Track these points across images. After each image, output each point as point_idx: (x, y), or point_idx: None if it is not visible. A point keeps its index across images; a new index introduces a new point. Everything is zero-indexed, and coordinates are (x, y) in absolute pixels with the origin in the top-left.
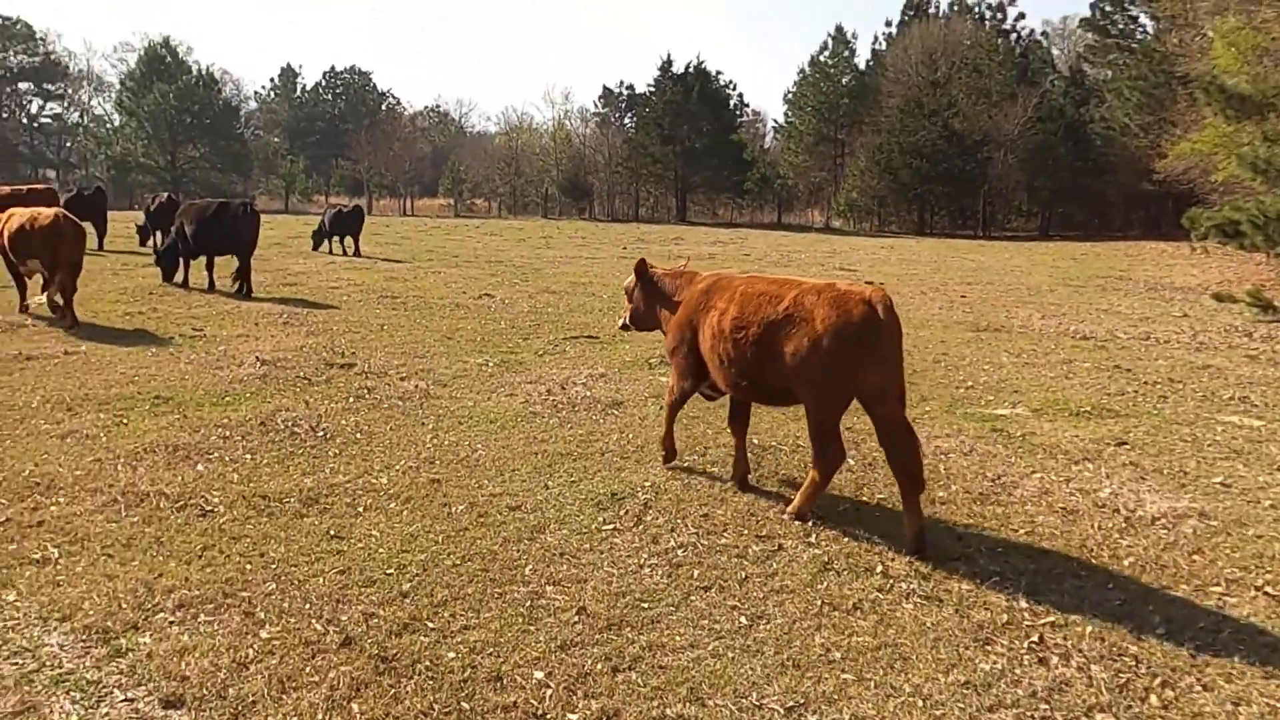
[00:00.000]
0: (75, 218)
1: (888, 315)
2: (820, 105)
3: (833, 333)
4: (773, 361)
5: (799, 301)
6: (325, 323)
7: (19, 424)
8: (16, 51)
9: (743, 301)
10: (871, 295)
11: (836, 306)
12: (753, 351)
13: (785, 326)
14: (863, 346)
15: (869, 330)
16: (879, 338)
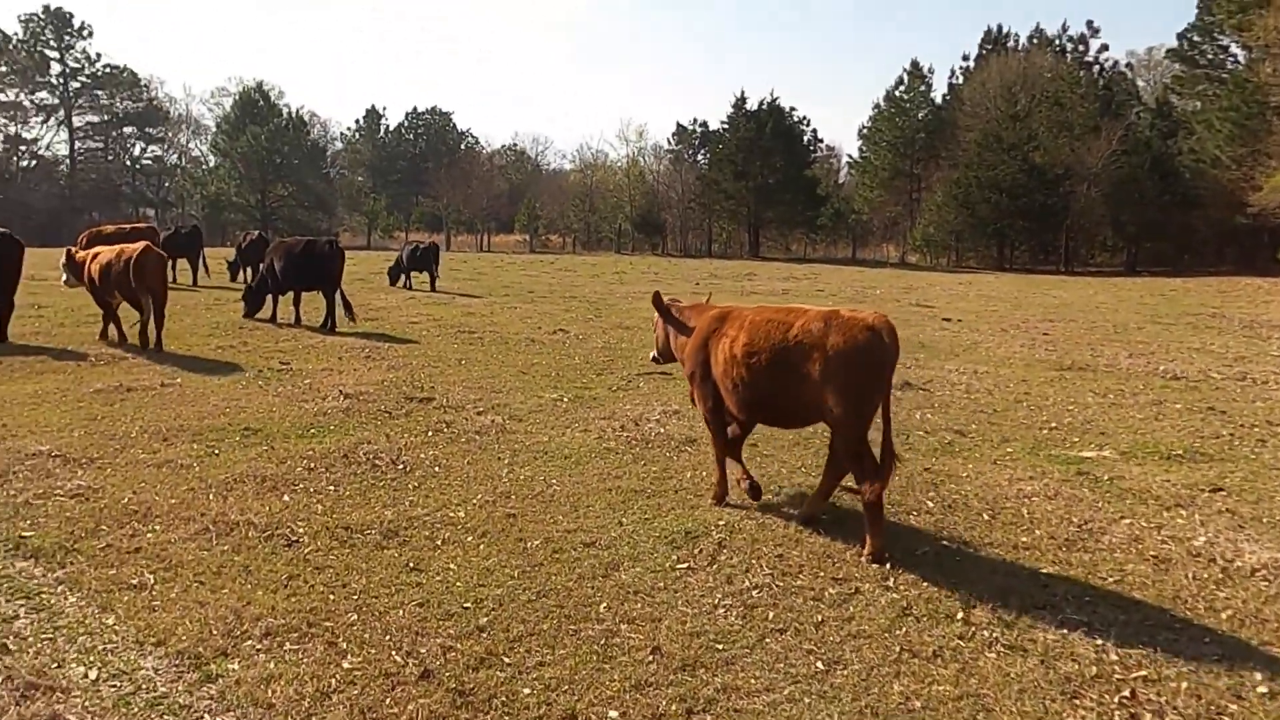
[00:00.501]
0: (163, 252)
1: (891, 340)
2: (896, 140)
3: (840, 353)
4: (782, 385)
5: (807, 328)
6: (405, 357)
7: (119, 453)
8: (123, 98)
9: (752, 329)
10: (874, 321)
11: (843, 332)
12: (763, 376)
13: (795, 352)
14: (867, 369)
15: (874, 354)
16: (883, 361)
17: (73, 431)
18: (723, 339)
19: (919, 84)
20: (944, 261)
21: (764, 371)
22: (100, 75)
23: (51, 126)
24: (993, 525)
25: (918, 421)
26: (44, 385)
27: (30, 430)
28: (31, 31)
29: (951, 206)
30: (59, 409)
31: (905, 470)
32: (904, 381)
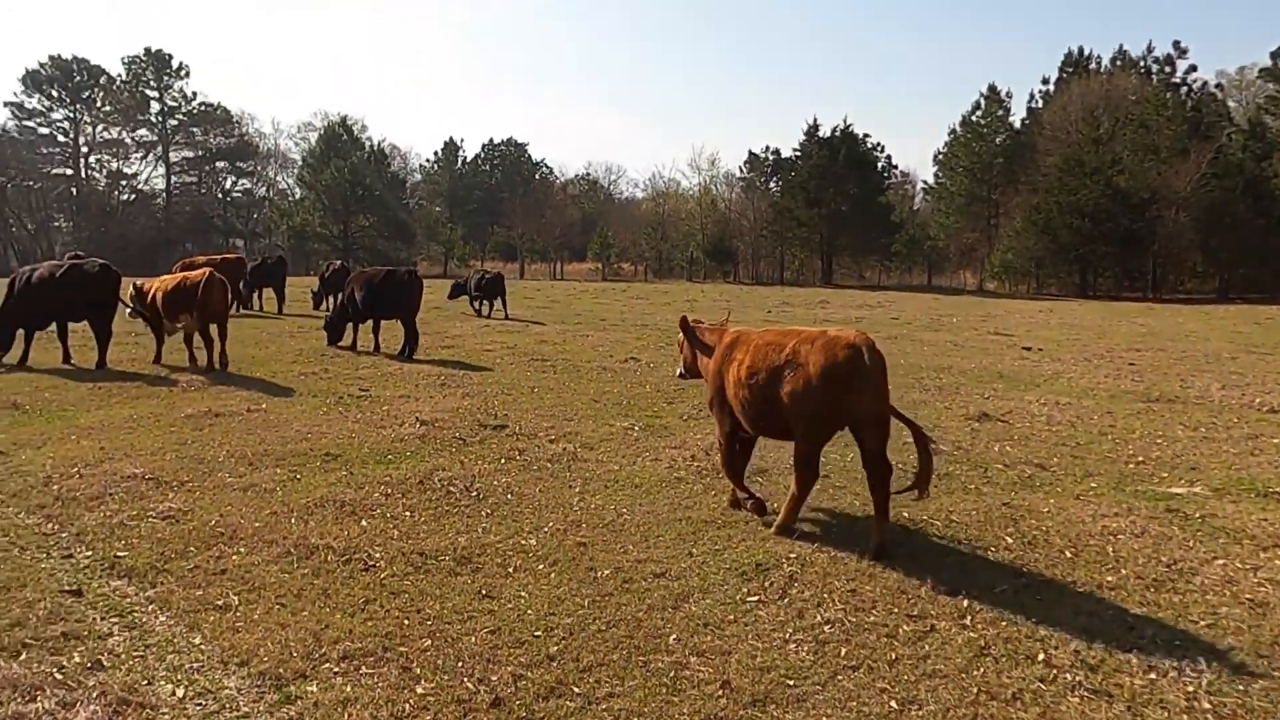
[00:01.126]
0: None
1: (871, 356)
2: (973, 165)
3: (822, 373)
4: (778, 401)
5: (796, 350)
6: (480, 385)
7: (208, 476)
8: (216, 134)
9: (754, 353)
10: (855, 339)
11: (825, 351)
12: (763, 394)
13: (786, 370)
14: (848, 383)
15: (854, 369)
16: (863, 375)
17: (165, 455)
18: (733, 364)
19: (996, 108)
20: (1023, 288)
21: (763, 390)
22: (196, 113)
23: (150, 162)
24: (1075, 563)
25: (996, 454)
26: (139, 410)
27: (126, 453)
28: (134, 73)
29: (1031, 232)
30: (152, 433)
31: (983, 504)
32: (981, 413)
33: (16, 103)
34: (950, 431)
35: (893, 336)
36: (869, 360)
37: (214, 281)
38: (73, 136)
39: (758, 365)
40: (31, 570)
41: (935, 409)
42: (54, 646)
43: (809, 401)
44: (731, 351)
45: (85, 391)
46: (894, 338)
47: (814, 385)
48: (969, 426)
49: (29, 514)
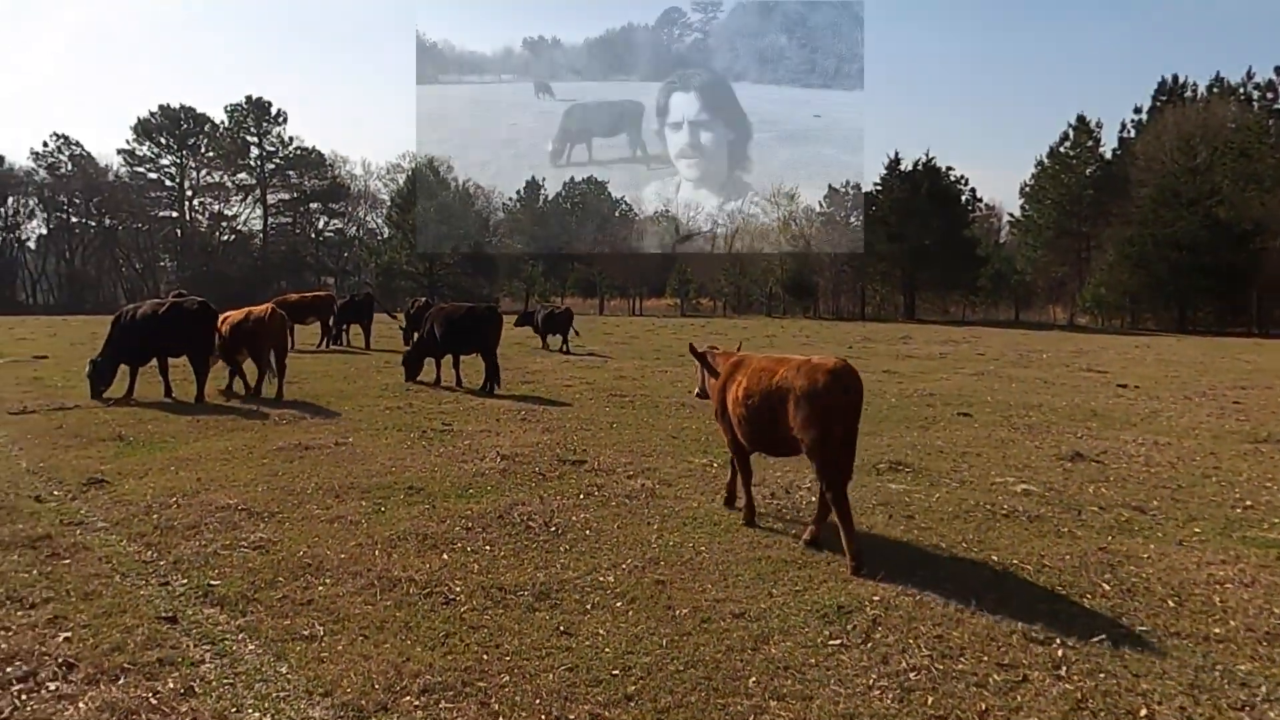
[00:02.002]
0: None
1: (849, 379)
2: (1061, 197)
3: (805, 396)
4: (770, 420)
5: (784, 375)
6: (559, 420)
7: (297, 508)
8: (310, 177)
9: (751, 376)
10: (835, 365)
11: (807, 375)
12: (756, 414)
13: (777, 395)
14: (828, 404)
15: (831, 391)
16: (840, 397)
17: (257, 486)
18: (734, 384)
19: (1086, 139)
20: (1117, 323)
21: (757, 410)
22: (292, 157)
23: (249, 204)
24: (1179, 613)
25: (1091, 496)
26: (233, 443)
27: (221, 484)
28: (235, 120)
29: (1125, 266)
30: (245, 465)
31: (1077, 549)
32: (1074, 452)
33: (129, 150)
34: (1041, 472)
35: (979, 373)
36: (849, 382)
37: (275, 317)
38: (178, 181)
39: (753, 388)
40: (131, 596)
41: (1025, 448)
42: (150, 672)
43: (801, 419)
44: (734, 374)
45: (185, 424)
46: (980, 374)
47: (801, 406)
48: (1061, 467)
49: (130, 541)
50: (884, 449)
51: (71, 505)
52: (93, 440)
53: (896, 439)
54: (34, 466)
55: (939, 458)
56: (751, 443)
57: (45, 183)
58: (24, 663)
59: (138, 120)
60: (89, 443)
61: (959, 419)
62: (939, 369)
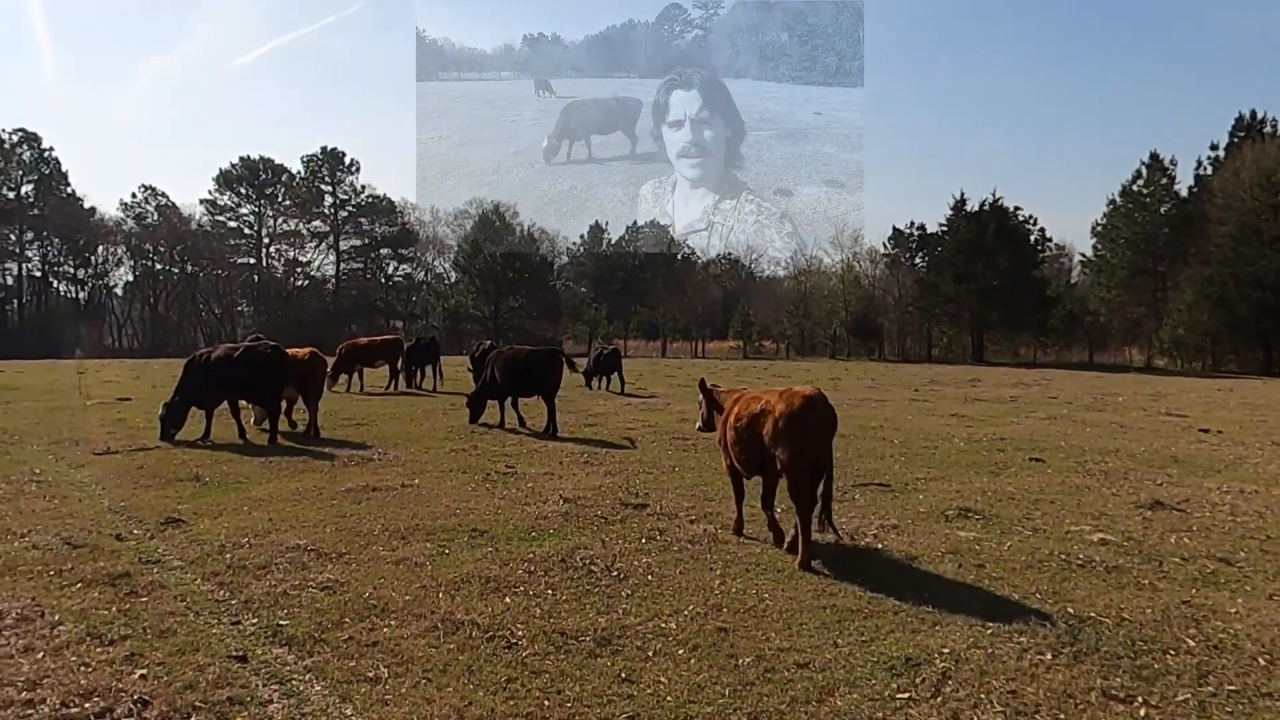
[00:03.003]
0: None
1: (820, 406)
2: (1135, 237)
3: (781, 419)
4: (757, 444)
5: (767, 401)
6: (622, 463)
7: (363, 549)
8: (381, 223)
9: (740, 406)
10: (809, 393)
11: (784, 401)
12: (745, 438)
13: (759, 419)
14: (802, 426)
15: (803, 415)
16: (811, 420)
17: (325, 527)
18: (731, 414)
19: (1159, 176)
20: (1197, 365)
21: (745, 435)
22: (364, 204)
23: (322, 250)
24: (1272, 672)
25: (1172, 546)
26: (304, 483)
27: (291, 525)
28: (311, 170)
29: (1205, 306)
30: (315, 505)
31: (1159, 602)
32: (1154, 500)
33: (210, 200)
34: (1119, 520)
35: (1051, 417)
36: (820, 409)
37: (316, 359)
38: (256, 229)
39: (742, 413)
40: (204, 635)
41: (1101, 495)
42: (220, 711)
43: (776, 440)
44: (732, 407)
45: (257, 465)
46: (1052, 418)
47: (779, 427)
48: (1140, 515)
49: (204, 580)
50: (952, 495)
51: (150, 544)
52: (171, 480)
53: (965, 485)
54: (115, 505)
55: (1010, 504)
56: (744, 465)
57: (133, 232)
58: (101, 699)
59: (219, 171)
60: (167, 483)
61: (1031, 465)
62: (1009, 413)
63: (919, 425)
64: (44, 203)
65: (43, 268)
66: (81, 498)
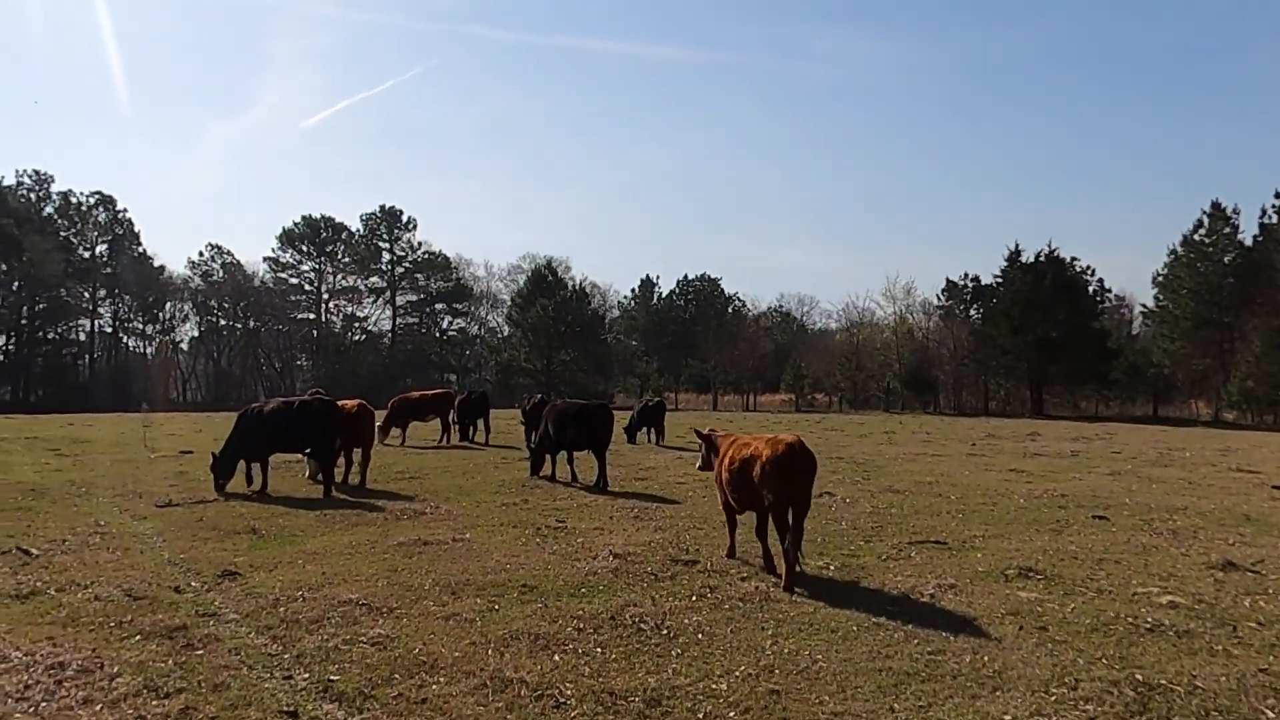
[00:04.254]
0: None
1: (800, 453)
2: (1198, 287)
3: (767, 462)
4: (747, 483)
5: (756, 445)
6: (672, 518)
7: (414, 604)
8: (436, 279)
9: (734, 450)
10: (792, 440)
11: (771, 447)
12: (738, 478)
13: (750, 463)
14: (782, 471)
15: (785, 462)
16: (794, 464)
17: (377, 581)
18: (725, 457)
19: (1222, 225)
20: (1269, 419)
21: (738, 475)
22: (420, 261)
23: (379, 306)
24: None
25: (1247, 610)
26: (357, 537)
27: (344, 579)
28: (370, 227)
29: (1274, 357)
30: (368, 559)
31: (1234, 669)
32: (1226, 561)
33: (273, 257)
34: (1189, 582)
35: (1115, 473)
36: (800, 455)
37: (364, 411)
38: (317, 285)
39: (735, 456)
40: (256, 689)
41: (1170, 555)
42: None
43: (763, 480)
44: (728, 450)
45: (313, 518)
46: (1116, 474)
47: (765, 470)
48: (1211, 577)
49: (258, 634)
50: (1012, 553)
51: (207, 597)
52: (229, 533)
53: (1026, 543)
54: (174, 558)
55: (1073, 564)
56: (738, 501)
57: (199, 289)
58: None
59: (283, 230)
60: (225, 535)
61: (1094, 522)
62: (1071, 468)
63: (976, 480)
64: (116, 262)
65: (114, 324)
66: (143, 550)
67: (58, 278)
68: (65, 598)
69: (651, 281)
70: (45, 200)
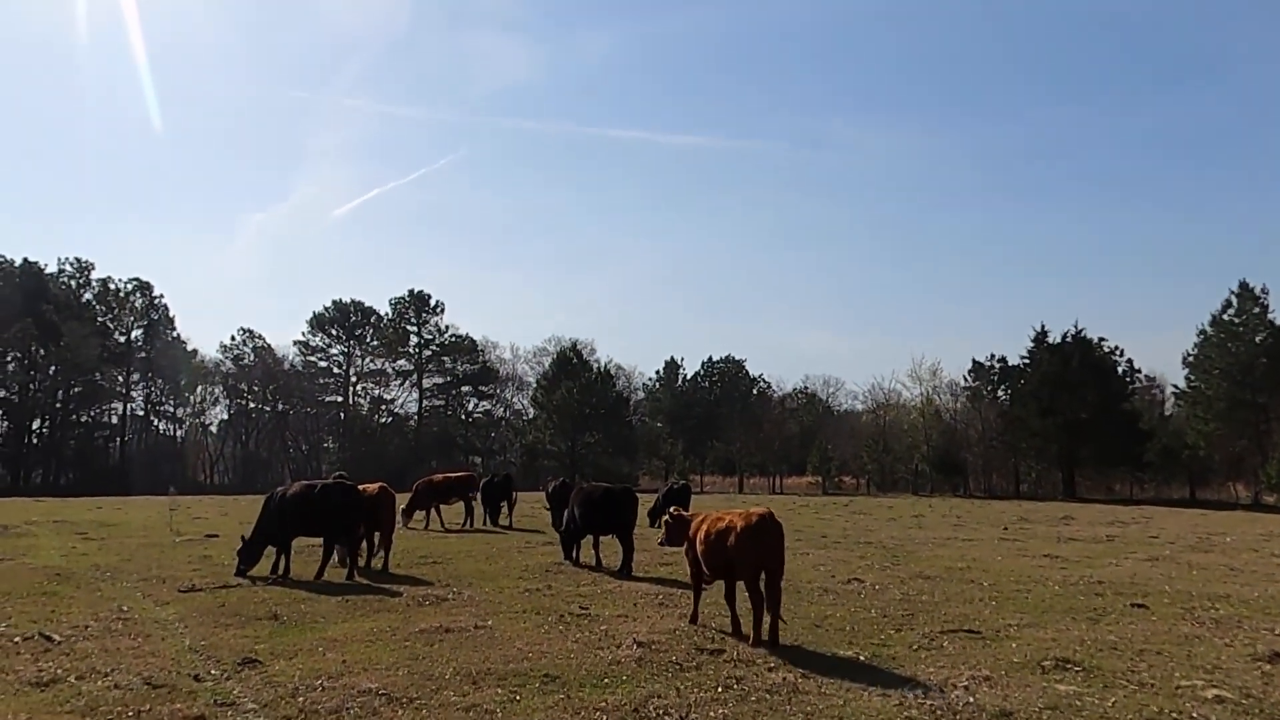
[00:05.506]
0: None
1: (769, 524)
2: (1230, 367)
3: (741, 532)
4: (721, 553)
5: (730, 519)
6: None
7: (434, 694)
8: (463, 361)
9: (710, 524)
10: (764, 513)
11: (744, 519)
12: (713, 549)
13: (725, 534)
14: (755, 540)
15: (758, 532)
16: (765, 535)
17: (398, 670)
18: (699, 530)
19: (1251, 305)
20: None
21: (713, 543)
22: (447, 344)
23: (406, 388)
24: None
25: None
26: (378, 624)
27: (364, 667)
28: (398, 311)
29: None
30: (389, 647)
31: None
32: (1273, 652)
33: (304, 341)
34: (1235, 675)
35: (1153, 558)
36: (770, 526)
37: (385, 494)
38: (345, 368)
39: (710, 529)
40: None
41: (1213, 646)
42: None
43: (738, 549)
44: (700, 526)
45: (334, 604)
46: (1154, 560)
47: (740, 539)
48: (1258, 669)
49: None
50: (1048, 643)
51: (226, 685)
52: (250, 619)
53: (1062, 633)
54: (195, 644)
55: (1112, 656)
56: (710, 569)
57: (230, 372)
58: None
59: (313, 314)
60: (247, 621)
61: (1133, 611)
62: (1107, 553)
63: (1010, 566)
64: (151, 346)
65: (145, 407)
66: (164, 636)
67: (93, 362)
68: (85, 685)
69: (676, 363)
70: (85, 287)
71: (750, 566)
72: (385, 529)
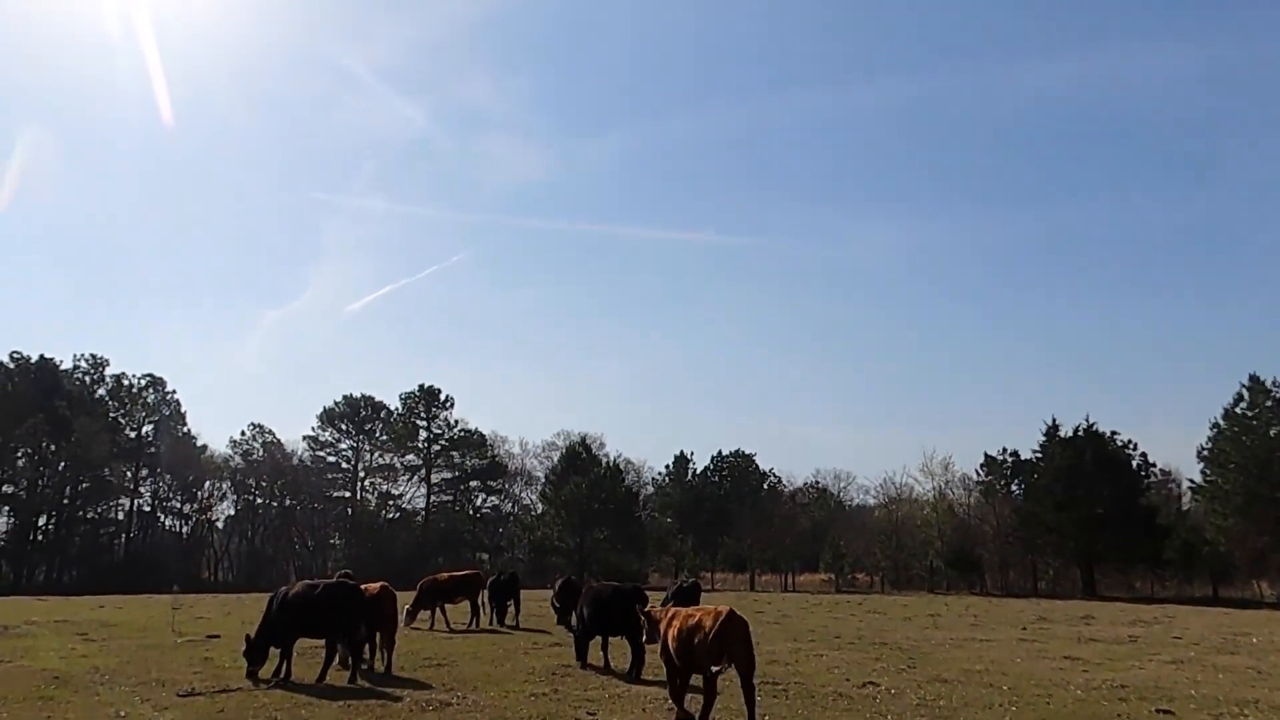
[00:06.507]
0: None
1: (734, 619)
2: (1246, 461)
3: (710, 628)
4: (691, 648)
5: (699, 617)
6: None
7: None
8: (471, 456)
9: (680, 622)
10: (729, 610)
11: (712, 616)
12: (684, 645)
13: (696, 629)
14: (725, 634)
15: (725, 627)
16: (730, 631)
17: None
18: (671, 628)
19: (1263, 399)
20: None
21: (684, 642)
22: (456, 439)
23: (414, 483)
24: None
25: None
26: None
27: None
28: (408, 406)
29: None
30: None
31: None
32: None
33: (313, 436)
34: None
35: (1177, 661)
36: (736, 622)
37: (386, 594)
38: (354, 463)
39: (681, 626)
40: None
41: None
42: None
43: (705, 645)
44: (672, 623)
45: (335, 710)
46: (1179, 662)
47: (707, 634)
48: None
49: None
50: None
51: None
52: None
53: None
54: None
55: None
56: (683, 663)
57: (238, 468)
58: None
59: (323, 409)
60: None
61: (1158, 718)
62: (1130, 655)
63: (1029, 669)
64: (160, 442)
65: (152, 503)
66: None
67: (103, 458)
68: None
69: (685, 458)
70: (99, 383)
71: (712, 660)
72: (387, 629)
